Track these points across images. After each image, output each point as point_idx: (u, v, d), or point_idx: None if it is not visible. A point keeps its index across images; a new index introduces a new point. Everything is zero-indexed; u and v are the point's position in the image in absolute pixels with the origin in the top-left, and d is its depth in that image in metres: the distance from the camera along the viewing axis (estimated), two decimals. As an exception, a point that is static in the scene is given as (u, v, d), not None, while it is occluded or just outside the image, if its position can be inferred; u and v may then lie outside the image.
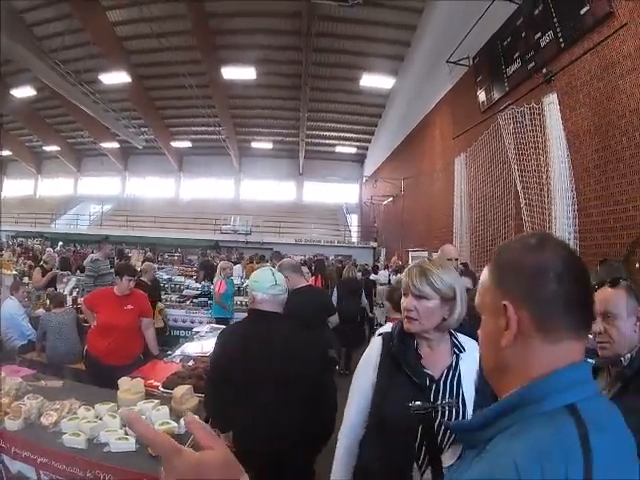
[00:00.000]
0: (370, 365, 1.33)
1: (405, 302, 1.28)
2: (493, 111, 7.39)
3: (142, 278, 4.93)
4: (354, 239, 19.77)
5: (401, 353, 1.27)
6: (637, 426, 1.13)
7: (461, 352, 1.29)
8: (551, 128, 5.92)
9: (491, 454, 0.54)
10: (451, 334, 1.32)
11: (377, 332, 1.84)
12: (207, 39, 12.80)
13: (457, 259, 2.76)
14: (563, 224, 5.44)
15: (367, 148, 19.74)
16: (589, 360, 0.66)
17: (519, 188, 6.22)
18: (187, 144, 20.52)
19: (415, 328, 1.26)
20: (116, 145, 20.69)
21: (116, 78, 13.63)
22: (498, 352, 0.60)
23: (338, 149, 20.23)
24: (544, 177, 5.81)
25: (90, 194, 23.24)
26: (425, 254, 10.17)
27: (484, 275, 0.66)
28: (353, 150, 20.38)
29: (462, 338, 1.33)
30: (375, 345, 1.36)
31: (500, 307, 0.59)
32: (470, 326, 1.33)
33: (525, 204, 6.00)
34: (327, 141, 19.71)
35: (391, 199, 15.03)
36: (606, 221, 5.23)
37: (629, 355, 1.22)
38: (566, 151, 5.68)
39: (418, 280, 1.25)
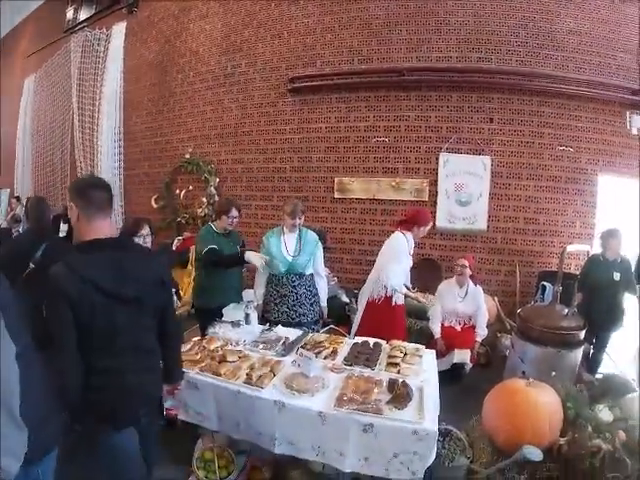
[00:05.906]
0: None
1: None
2: (73, 32, 6.63)
3: None
4: None
5: None
6: None
7: None
8: (113, 57, 5.77)
9: None
10: None
11: None
12: None
13: None
14: (110, 153, 5.45)
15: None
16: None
17: (76, 116, 5.82)
18: None
19: None
20: None
21: None
22: None
23: None
24: (97, 105, 5.63)
25: None
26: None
27: None
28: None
29: None
30: None
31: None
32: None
33: (79, 131, 5.66)
34: None
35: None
36: (153, 151, 5.63)
37: None
38: (121, 82, 5.68)
39: None
